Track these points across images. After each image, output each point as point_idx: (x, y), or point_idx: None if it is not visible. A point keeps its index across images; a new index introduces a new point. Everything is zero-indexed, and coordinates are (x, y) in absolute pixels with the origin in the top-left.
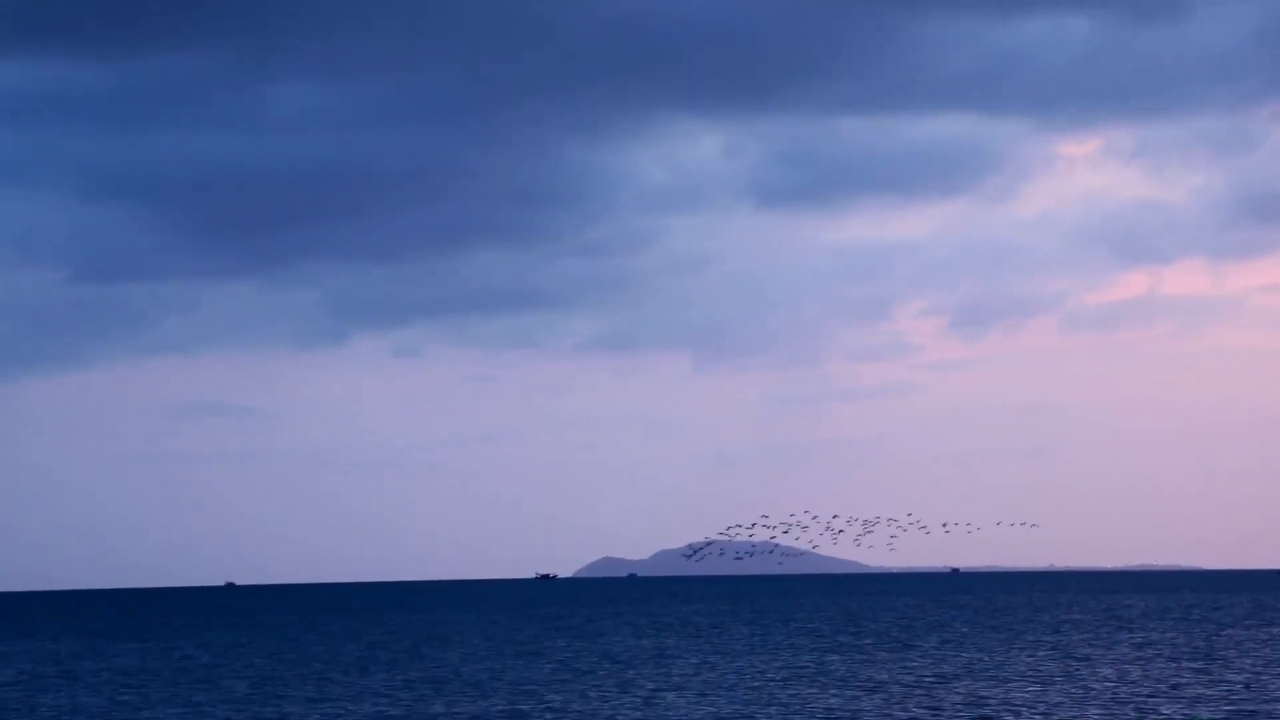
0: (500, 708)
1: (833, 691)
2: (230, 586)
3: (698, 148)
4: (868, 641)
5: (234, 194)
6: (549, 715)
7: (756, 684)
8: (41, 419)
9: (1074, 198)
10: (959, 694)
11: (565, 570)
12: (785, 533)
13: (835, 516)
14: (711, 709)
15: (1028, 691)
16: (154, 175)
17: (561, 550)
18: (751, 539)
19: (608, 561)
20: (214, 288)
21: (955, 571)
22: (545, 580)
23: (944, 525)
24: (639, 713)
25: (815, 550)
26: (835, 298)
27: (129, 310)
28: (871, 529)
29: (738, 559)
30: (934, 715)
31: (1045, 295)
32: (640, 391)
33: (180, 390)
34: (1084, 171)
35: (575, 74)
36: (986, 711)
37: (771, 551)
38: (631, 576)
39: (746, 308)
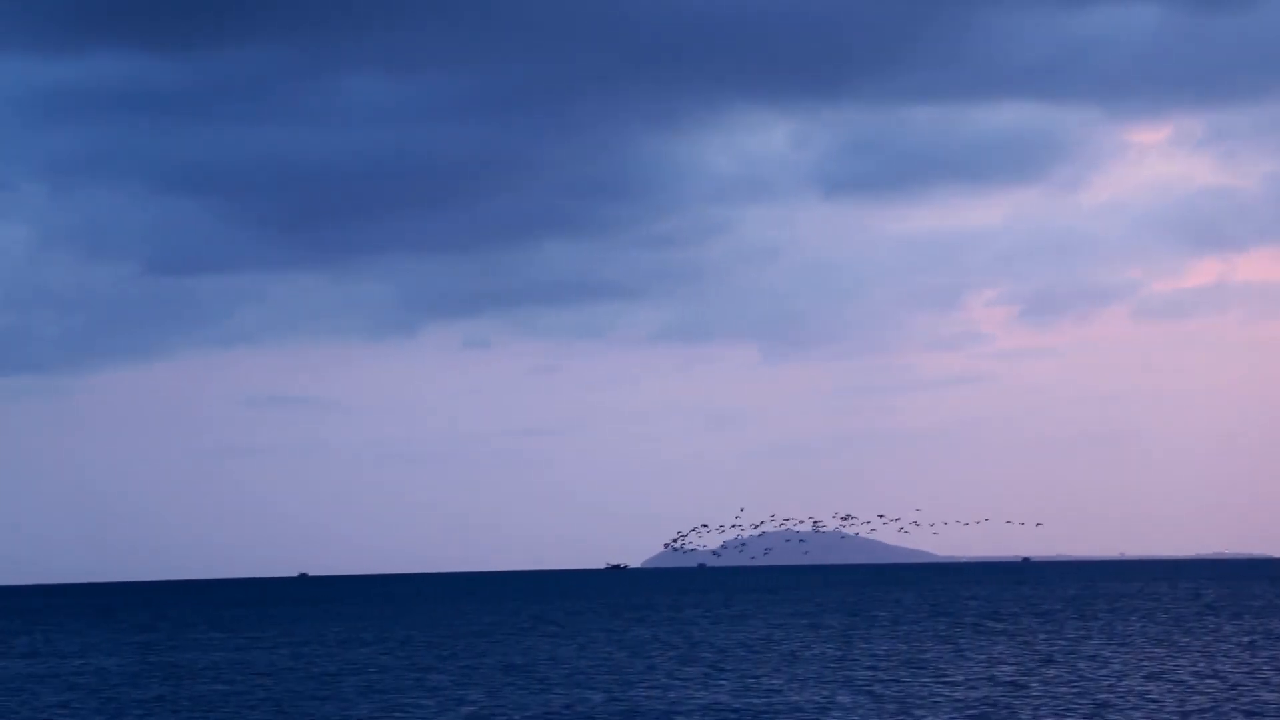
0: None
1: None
2: (304, 577)
3: (767, 138)
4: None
5: (305, 187)
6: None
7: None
8: (115, 411)
9: (1145, 185)
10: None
11: (634, 560)
12: (757, 530)
13: (840, 516)
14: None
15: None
16: (226, 168)
17: (629, 540)
18: (740, 534)
19: (675, 552)
20: (285, 280)
21: (1026, 560)
22: (617, 570)
23: (932, 525)
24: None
25: (880, 539)
26: (905, 287)
27: (201, 302)
28: (873, 527)
29: (801, 542)
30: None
31: (1116, 284)
32: (708, 382)
33: (252, 382)
34: (1155, 159)
35: (645, 65)
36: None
37: (802, 542)
38: (701, 567)
39: (816, 298)
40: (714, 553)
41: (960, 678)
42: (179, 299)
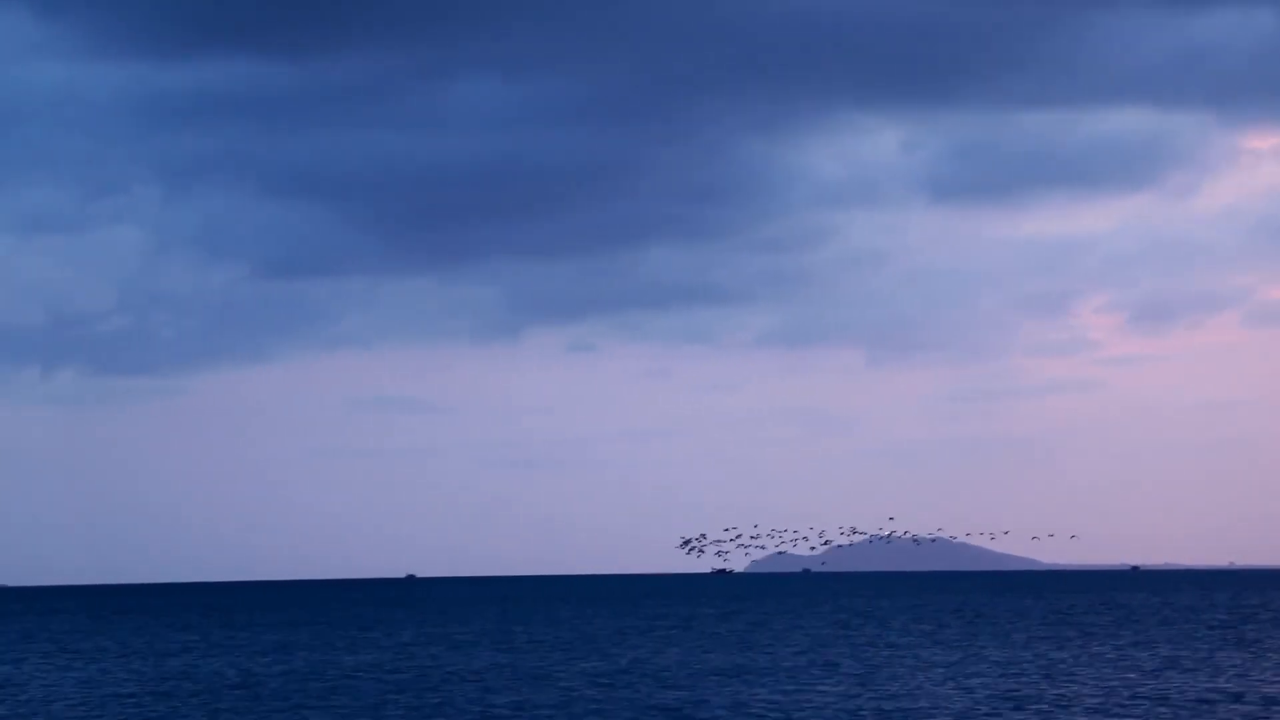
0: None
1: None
2: (411, 578)
3: (875, 143)
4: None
5: (415, 190)
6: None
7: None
8: (227, 411)
9: (1259, 192)
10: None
11: (738, 565)
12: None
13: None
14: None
15: None
16: (337, 172)
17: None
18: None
19: (779, 557)
20: (393, 283)
21: (1135, 569)
22: (722, 575)
23: (929, 534)
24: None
25: (989, 546)
26: (1013, 293)
27: (311, 305)
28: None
29: (916, 544)
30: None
31: (1228, 290)
32: (814, 387)
33: (359, 384)
34: (1269, 165)
35: (753, 70)
36: None
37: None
38: (806, 572)
39: (923, 303)
40: (819, 560)
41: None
42: (289, 301)
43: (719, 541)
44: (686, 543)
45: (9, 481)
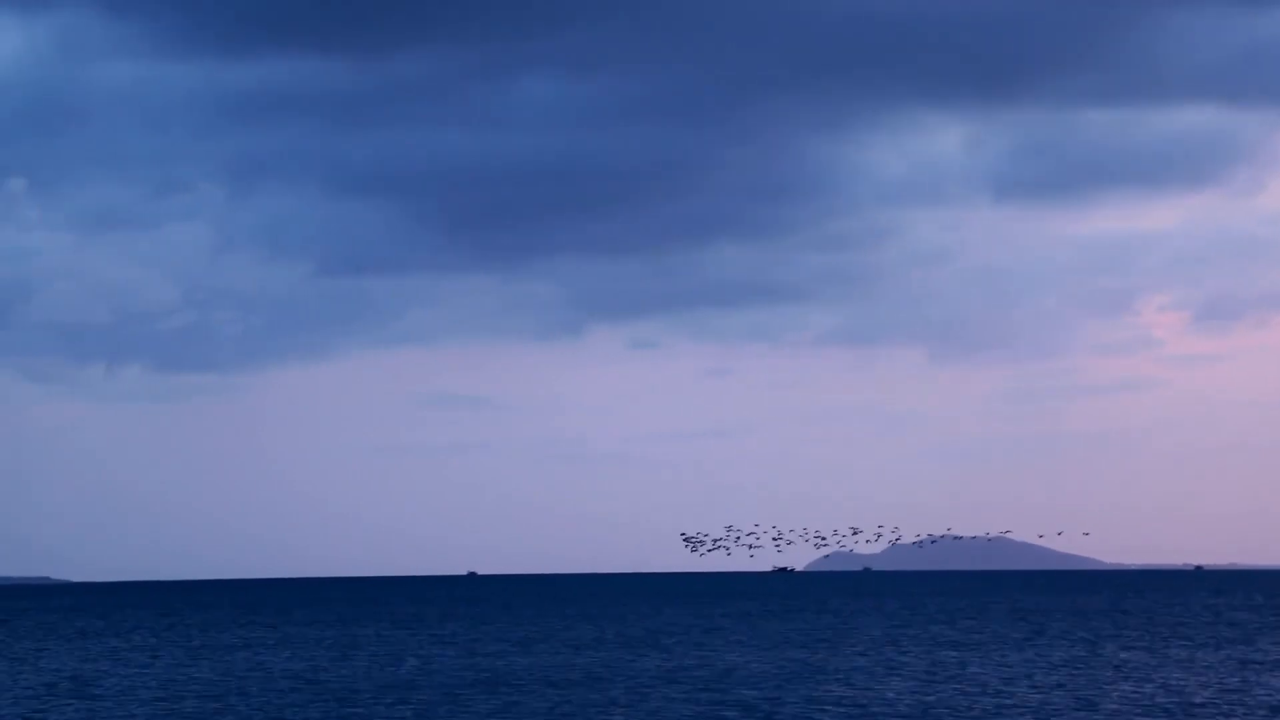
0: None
1: None
2: (472, 576)
3: (938, 141)
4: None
5: (478, 188)
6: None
7: None
8: (289, 408)
9: None
10: None
11: (799, 563)
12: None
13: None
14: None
15: None
16: (400, 170)
17: (797, 543)
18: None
19: (840, 555)
20: (456, 281)
21: (1199, 569)
22: (784, 573)
23: (918, 536)
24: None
25: (1050, 545)
26: (1075, 292)
27: (374, 302)
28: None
29: (985, 543)
30: None
31: None
32: (876, 385)
33: (422, 381)
34: None
35: (817, 68)
36: None
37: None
38: (867, 570)
39: (986, 301)
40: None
41: None
42: (352, 299)
43: (719, 540)
44: (688, 539)
45: (74, 477)
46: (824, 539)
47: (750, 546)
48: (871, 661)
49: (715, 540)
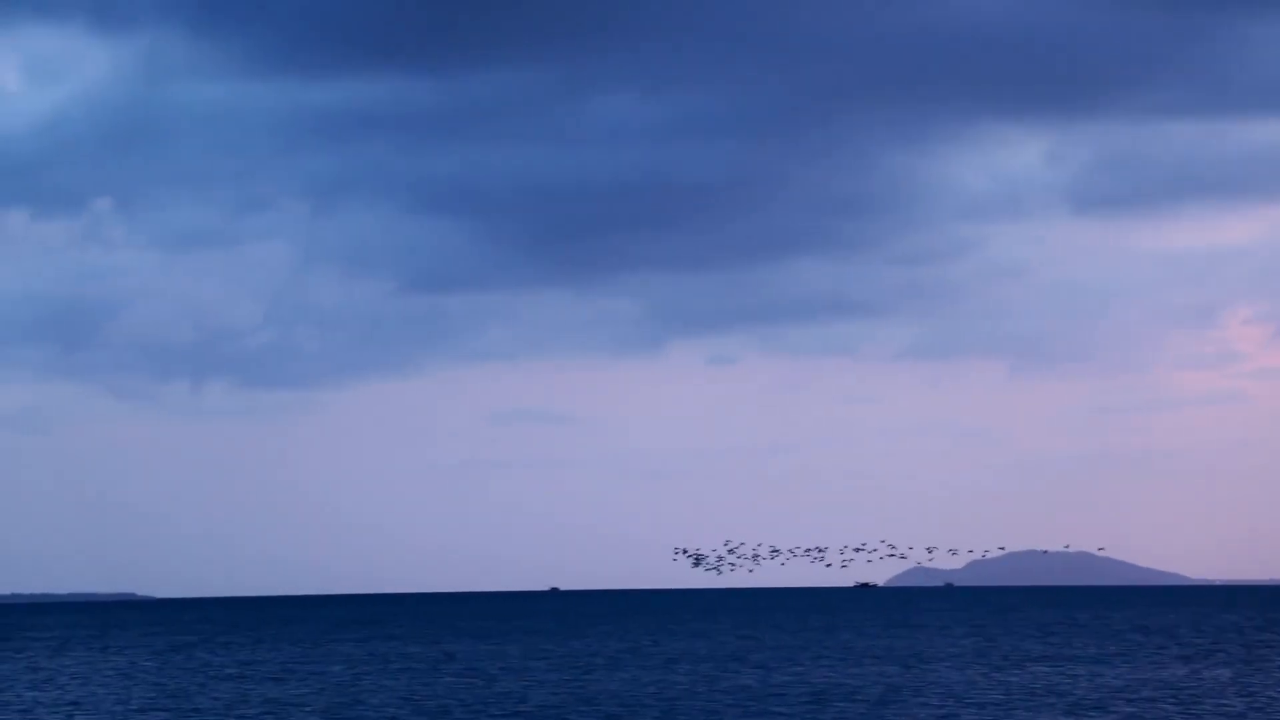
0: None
1: None
2: (555, 591)
3: (1019, 154)
4: None
5: (556, 205)
6: None
7: None
8: (370, 424)
9: None
10: None
11: (879, 578)
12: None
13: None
14: None
15: None
16: (480, 188)
17: (876, 559)
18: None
19: (920, 570)
20: (535, 297)
21: None
22: (865, 589)
23: (929, 549)
24: None
25: (1131, 560)
26: (1157, 305)
27: (453, 319)
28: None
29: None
30: None
31: None
32: (955, 399)
33: (501, 397)
34: None
35: (895, 82)
36: None
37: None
38: (949, 586)
39: (1066, 315)
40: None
41: None
42: (433, 315)
43: (719, 556)
44: (685, 552)
45: (158, 494)
46: (822, 553)
47: (754, 558)
48: (969, 678)
49: (718, 557)
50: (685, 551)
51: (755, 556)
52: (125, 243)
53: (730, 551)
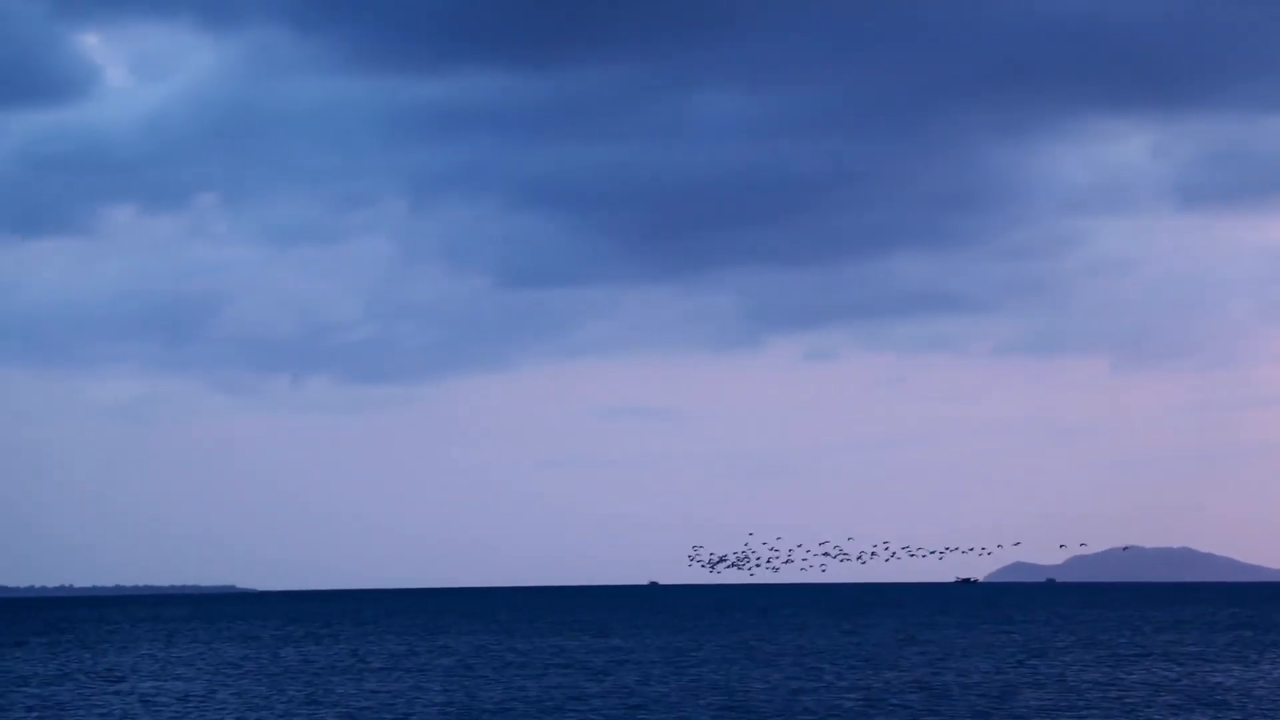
0: None
1: None
2: (654, 585)
3: (1123, 148)
4: None
5: (656, 201)
6: None
7: None
8: (470, 419)
9: None
10: None
11: (978, 574)
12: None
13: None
14: None
15: None
16: (580, 183)
17: (975, 554)
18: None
19: (1020, 566)
20: (634, 292)
21: None
22: (967, 584)
23: (945, 548)
24: None
25: (1234, 557)
26: (1264, 300)
27: (551, 315)
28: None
29: (1157, 551)
30: None
31: None
32: (1057, 395)
33: (600, 393)
34: None
35: (998, 76)
36: None
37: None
38: (1050, 582)
39: (1170, 311)
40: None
41: None
42: (531, 311)
43: (724, 557)
44: (697, 559)
45: (259, 488)
46: (826, 547)
47: (768, 563)
48: (1089, 678)
49: (736, 556)
50: (696, 556)
51: (769, 560)
52: (229, 238)
53: (765, 549)
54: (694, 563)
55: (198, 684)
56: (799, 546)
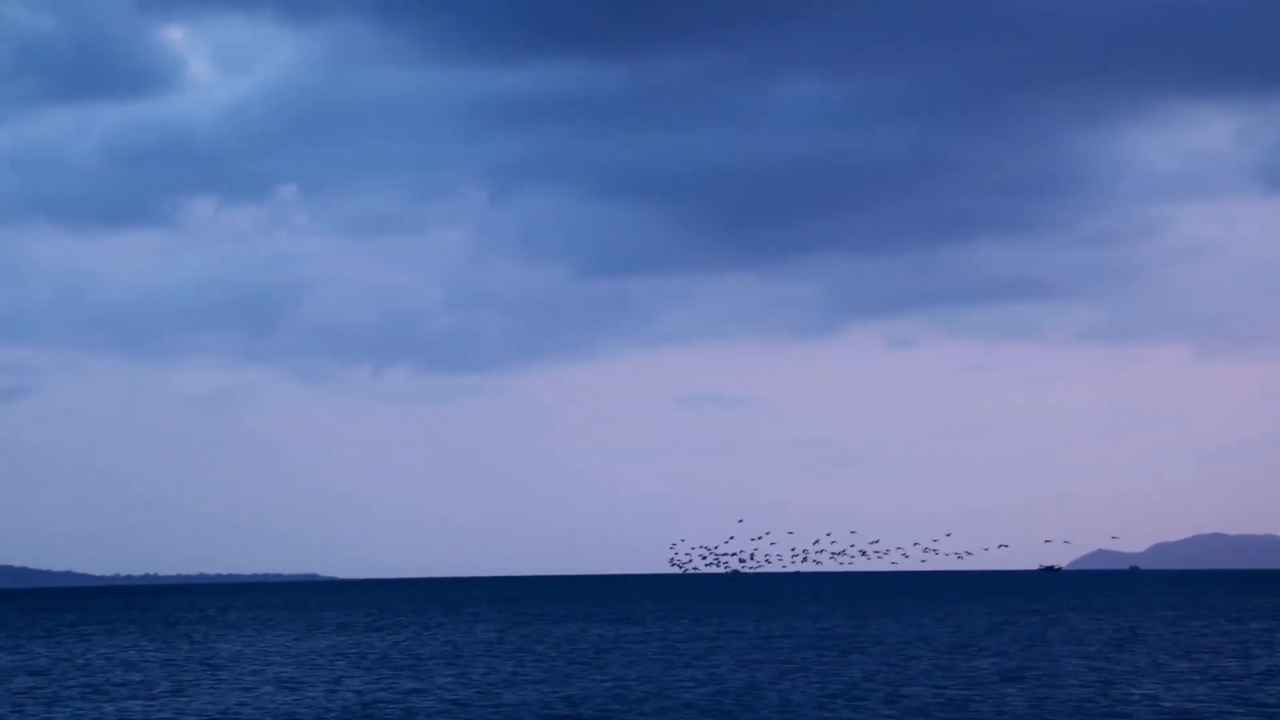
0: None
1: None
2: (735, 574)
3: (1207, 132)
4: None
5: (736, 189)
6: None
7: None
8: (551, 408)
9: None
10: None
11: (1061, 561)
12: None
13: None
14: None
15: None
16: (660, 172)
17: (1056, 542)
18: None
19: (1102, 554)
20: (714, 280)
21: None
22: (1050, 572)
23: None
24: None
25: None
26: None
27: (633, 303)
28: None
29: (1240, 539)
30: None
31: None
32: (1138, 382)
33: (680, 381)
34: None
35: (1079, 61)
36: None
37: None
38: (1134, 570)
39: (1256, 296)
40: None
41: None
42: (611, 300)
43: (702, 553)
44: (675, 562)
45: (341, 477)
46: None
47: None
48: (1185, 667)
49: (703, 558)
50: (673, 559)
51: (761, 556)
52: (310, 229)
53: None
54: (673, 564)
55: (307, 672)
56: (786, 540)
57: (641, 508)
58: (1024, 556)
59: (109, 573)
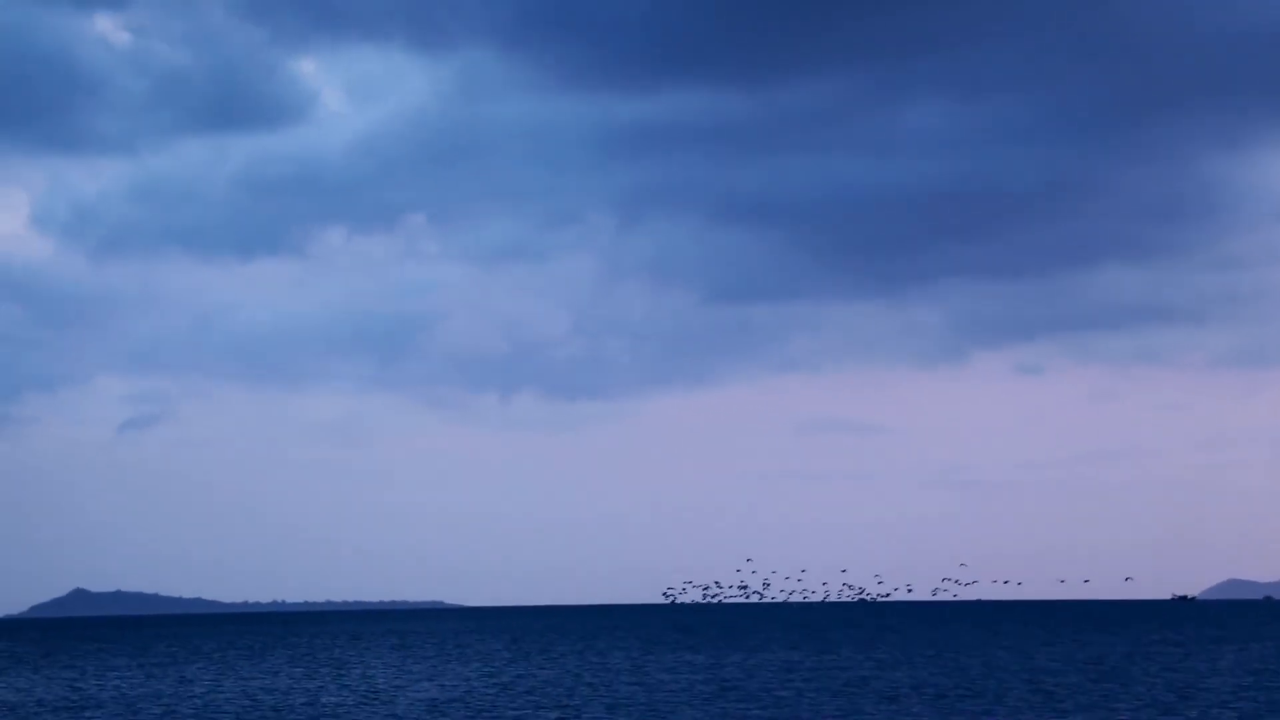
0: None
1: None
2: (862, 601)
3: None
4: None
5: (862, 215)
6: None
7: None
8: (677, 435)
9: None
10: None
11: (1192, 591)
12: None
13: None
14: None
15: None
16: (786, 198)
17: (1186, 570)
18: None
19: (1234, 583)
20: (840, 307)
21: None
22: (1183, 601)
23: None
24: None
25: None
26: None
27: (758, 330)
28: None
29: None
30: None
31: None
32: (1273, 408)
33: (807, 408)
34: None
35: (1211, 85)
36: None
37: None
38: (1268, 599)
39: None
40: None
41: None
42: (738, 326)
43: (702, 588)
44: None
45: (469, 504)
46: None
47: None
48: None
49: (703, 590)
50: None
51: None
52: (439, 257)
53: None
54: (668, 599)
55: (461, 698)
56: (774, 573)
57: (769, 534)
58: (1154, 585)
59: (237, 599)
